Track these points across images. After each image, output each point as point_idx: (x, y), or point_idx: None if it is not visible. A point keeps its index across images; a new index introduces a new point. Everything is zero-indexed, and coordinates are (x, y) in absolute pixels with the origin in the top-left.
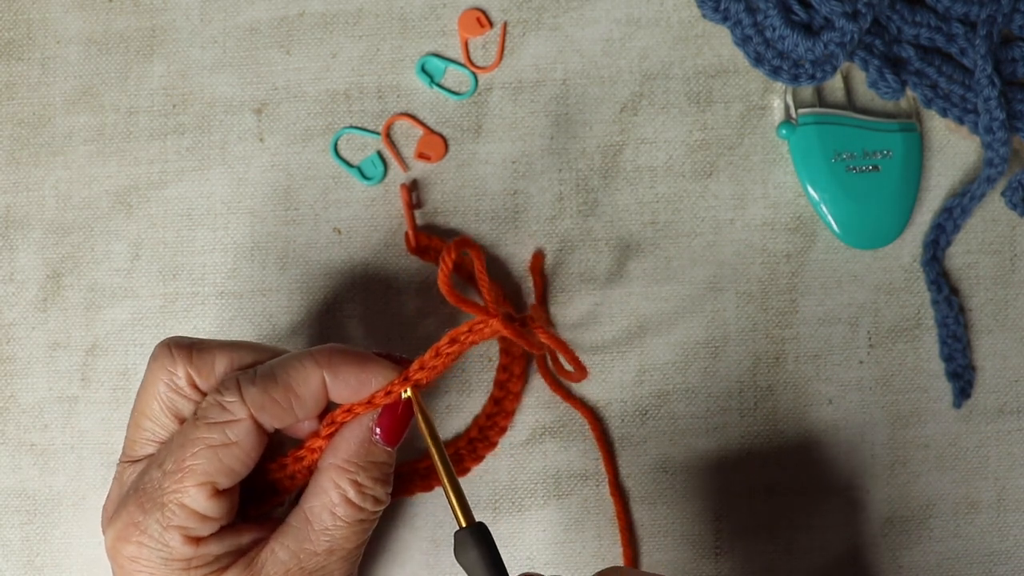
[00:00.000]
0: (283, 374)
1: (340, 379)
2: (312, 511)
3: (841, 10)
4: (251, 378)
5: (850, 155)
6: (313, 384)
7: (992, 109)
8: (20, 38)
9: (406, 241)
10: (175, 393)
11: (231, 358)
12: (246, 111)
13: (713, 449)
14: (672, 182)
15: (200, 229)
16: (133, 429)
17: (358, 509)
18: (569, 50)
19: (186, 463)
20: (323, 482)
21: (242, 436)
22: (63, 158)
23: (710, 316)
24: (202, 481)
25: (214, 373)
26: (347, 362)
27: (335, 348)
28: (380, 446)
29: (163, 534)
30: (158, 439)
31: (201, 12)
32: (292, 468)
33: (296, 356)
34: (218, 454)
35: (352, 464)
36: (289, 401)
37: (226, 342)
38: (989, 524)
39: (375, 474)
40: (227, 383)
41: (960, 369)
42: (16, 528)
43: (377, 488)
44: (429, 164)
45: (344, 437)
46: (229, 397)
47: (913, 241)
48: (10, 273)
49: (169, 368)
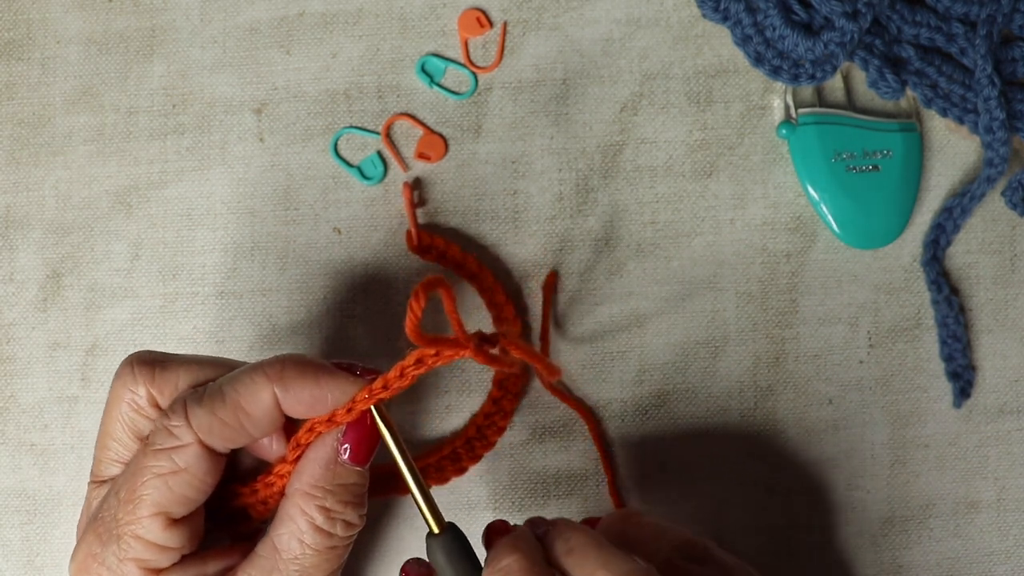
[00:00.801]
0: (231, 392)
1: (292, 394)
2: (280, 540)
3: (841, 10)
4: (198, 398)
5: (850, 155)
6: (264, 401)
7: (992, 109)
8: (20, 38)
9: (407, 239)
10: (136, 413)
11: (194, 375)
12: (246, 111)
13: (713, 449)
14: (672, 182)
15: (200, 229)
16: (99, 449)
17: (327, 535)
18: (569, 50)
19: (137, 493)
20: (289, 509)
21: (191, 462)
22: (63, 158)
23: (710, 316)
24: (154, 512)
25: (177, 391)
26: (300, 376)
27: (288, 361)
28: (348, 467)
29: (120, 567)
30: (122, 460)
31: (201, 12)
32: (263, 493)
33: (246, 371)
34: (167, 482)
35: (318, 489)
36: (239, 421)
37: (191, 358)
38: (989, 524)
39: (344, 497)
40: (174, 406)
41: (960, 369)
42: (16, 528)
43: (347, 512)
44: (429, 164)
45: (309, 459)
46: (175, 421)
47: (913, 241)
48: (10, 273)
49: (131, 388)
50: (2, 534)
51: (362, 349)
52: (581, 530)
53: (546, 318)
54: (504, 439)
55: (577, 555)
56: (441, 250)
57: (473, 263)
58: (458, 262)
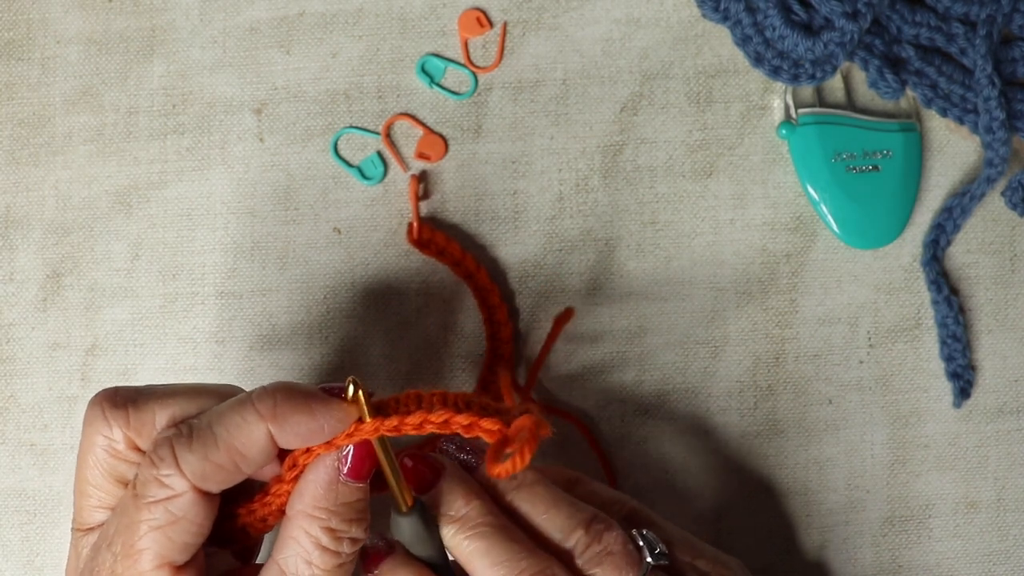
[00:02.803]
0: (223, 433)
1: (288, 430)
2: (286, 563)
3: (841, 10)
4: (187, 442)
5: (850, 155)
6: (258, 440)
7: (992, 109)
8: (20, 38)
9: (408, 232)
10: (115, 458)
11: (172, 412)
12: (246, 111)
13: (713, 449)
14: (672, 182)
15: (200, 229)
16: (80, 497)
17: (335, 555)
18: (569, 50)
19: (135, 548)
20: (293, 531)
21: (187, 509)
22: (63, 158)
23: (710, 316)
24: (158, 564)
25: (155, 429)
26: (294, 410)
27: (278, 392)
28: (351, 484)
29: None
30: (107, 505)
31: (201, 12)
32: (261, 512)
33: (235, 409)
34: (166, 533)
35: (321, 510)
36: (233, 462)
37: (166, 391)
38: (989, 524)
39: (348, 515)
40: (160, 451)
41: (960, 369)
42: (16, 528)
43: (352, 529)
44: (429, 164)
45: (309, 481)
46: (165, 470)
47: (913, 241)
48: (10, 273)
49: (104, 433)
50: (2, 534)
51: (361, 349)
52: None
53: (545, 350)
54: None
55: (526, 492)
56: (441, 246)
57: (471, 262)
58: (456, 259)
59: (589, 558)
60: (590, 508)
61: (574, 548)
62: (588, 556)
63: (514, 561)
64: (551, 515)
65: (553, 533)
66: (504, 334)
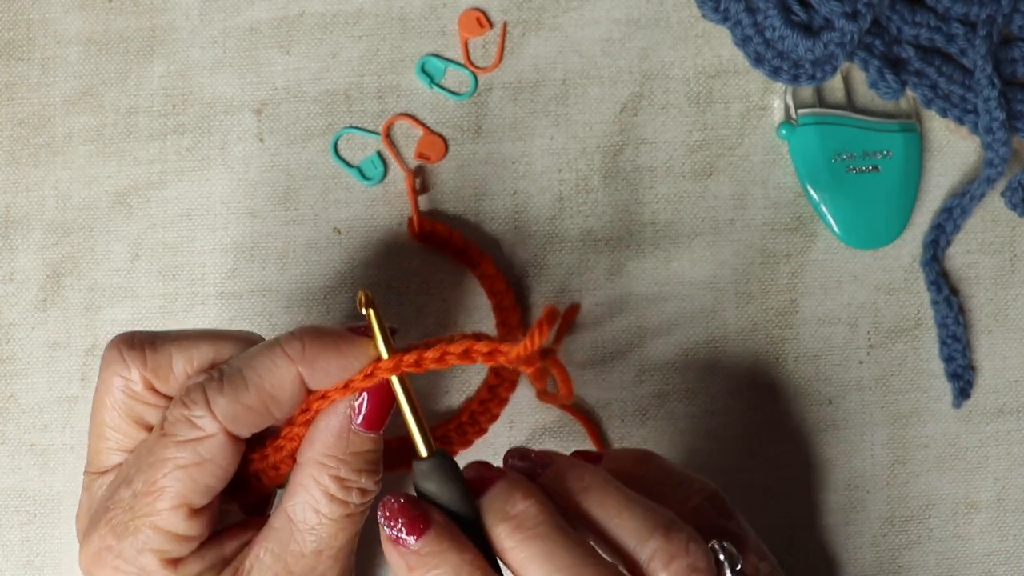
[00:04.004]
0: (254, 377)
1: (318, 371)
2: (294, 510)
3: (841, 10)
4: (218, 386)
5: (850, 155)
6: (289, 383)
7: (992, 109)
8: (20, 38)
9: (409, 227)
10: (133, 400)
11: (190, 355)
12: (246, 111)
13: (713, 449)
14: (672, 182)
15: (200, 229)
16: (95, 439)
17: (343, 504)
18: (569, 50)
19: (157, 484)
20: (303, 479)
21: (215, 452)
22: (63, 158)
23: (710, 316)
24: (176, 504)
25: (173, 373)
26: (324, 351)
27: (306, 335)
28: (362, 434)
29: (138, 559)
30: (124, 448)
31: (201, 12)
32: (274, 458)
33: (265, 353)
34: (191, 474)
35: (331, 458)
36: (264, 406)
37: (182, 335)
38: (989, 524)
39: (358, 465)
40: (192, 394)
41: (960, 369)
42: (16, 528)
43: (362, 479)
44: (429, 164)
45: (320, 428)
46: (197, 412)
47: (913, 241)
48: (10, 273)
49: (122, 373)
50: (2, 534)
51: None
52: (594, 470)
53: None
54: (503, 439)
55: (595, 494)
56: (444, 237)
57: (475, 251)
58: (460, 249)
59: (673, 572)
60: (668, 512)
61: (652, 557)
62: (672, 570)
63: (577, 567)
64: (624, 518)
65: (627, 540)
66: (513, 320)
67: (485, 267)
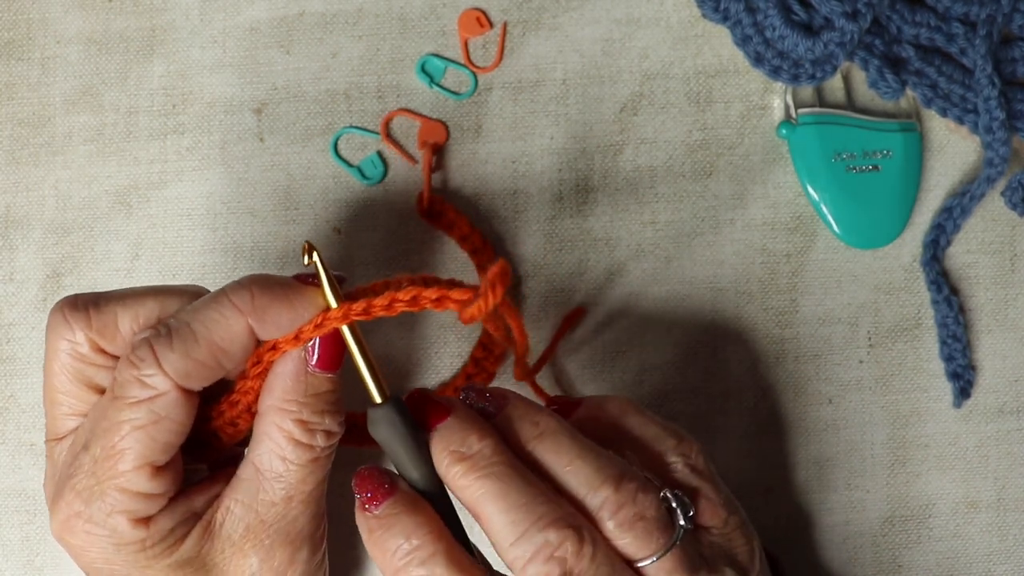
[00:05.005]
0: (203, 330)
1: (269, 323)
2: (260, 459)
3: (841, 10)
4: (167, 341)
5: (850, 155)
6: (239, 335)
7: (992, 109)
8: (20, 38)
9: (417, 203)
10: (81, 362)
11: (136, 313)
12: (246, 111)
13: (713, 449)
14: (672, 182)
15: (200, 229)
16: (49, 406)
17: (308, 448)
18: (569, 50)
19: (116, 447)
20: (265, 427)
21: (170, 409)
22: (63, 158)
23: (710, 316)
24: (138, 464)
25: (119, 332)
26: (273, 302)
27: (255, 285)
28: (319, 375)
29: (108, 521)
30: (78, 412)
31: (201, 12)
32: (230, 414)
33: (213, 306)
34: (149, 433)
35: (291, 403)
36: (215, 359)
37: (126, 293)
38: (989, 523)
39: (319, 406)
40: (140, 352)
41: (960, 369)
42: (16, 528)
43: (325, 420)
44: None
45: (277, 374)
46: (147, 370)
47: (913, 241)
48: (10, 273)
49: (67, 337)
50: (2, 534)
51: None
52: (549, 414)
53: (554, 344)
54: None
55: (549, 441)
56: (451, 219)
57: (478, 238)
58: (464, 234)
59: (620, 521)
60: (621, 462)
61: (602, 506)
62: (619, 519)
63: (532, 506)
64: (576, 467)
65: (577, 488)
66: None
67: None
